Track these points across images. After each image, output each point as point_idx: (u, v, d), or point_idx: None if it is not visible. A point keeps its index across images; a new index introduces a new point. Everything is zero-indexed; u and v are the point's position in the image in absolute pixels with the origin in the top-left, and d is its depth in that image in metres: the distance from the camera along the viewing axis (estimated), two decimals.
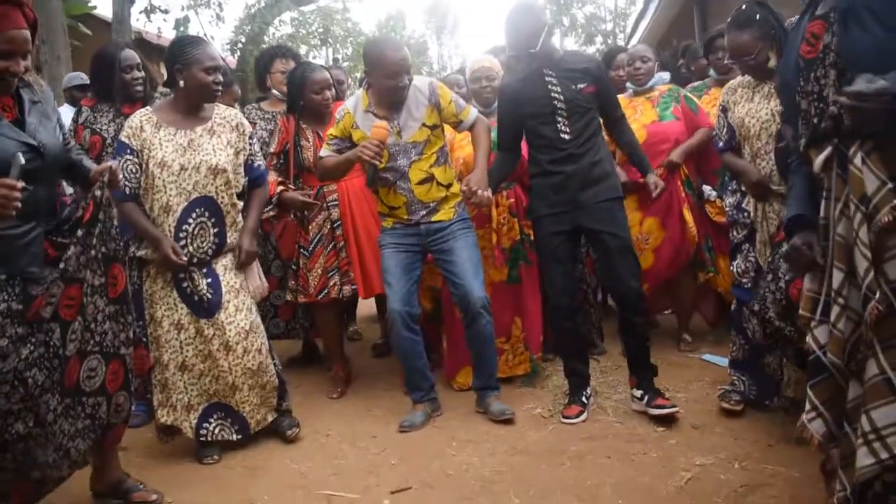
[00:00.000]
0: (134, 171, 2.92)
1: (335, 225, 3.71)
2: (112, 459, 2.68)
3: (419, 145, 3.27)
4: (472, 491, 2.65)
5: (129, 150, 2.92)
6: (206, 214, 2.97)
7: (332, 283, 3.68)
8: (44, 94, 2.42)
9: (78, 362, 2.34)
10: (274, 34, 16.22)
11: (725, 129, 3.18)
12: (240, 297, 3.05)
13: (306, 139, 3.73)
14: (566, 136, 3.17)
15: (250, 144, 3.11)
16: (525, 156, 3.47)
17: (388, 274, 3.34)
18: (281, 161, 3.77)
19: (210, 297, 2.97)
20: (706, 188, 4.01)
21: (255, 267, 3.21)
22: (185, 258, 2.90)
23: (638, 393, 3.28)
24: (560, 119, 3.16)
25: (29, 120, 2.27)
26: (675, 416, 3.12)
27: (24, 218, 2.20)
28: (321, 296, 3.68)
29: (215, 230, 2.99)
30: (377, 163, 3.15)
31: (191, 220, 2.94)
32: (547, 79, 3.18)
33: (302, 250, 3.74)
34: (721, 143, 3.23)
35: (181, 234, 2.93)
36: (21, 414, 2.17)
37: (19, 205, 2.08)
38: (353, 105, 3.33)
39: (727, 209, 3.33)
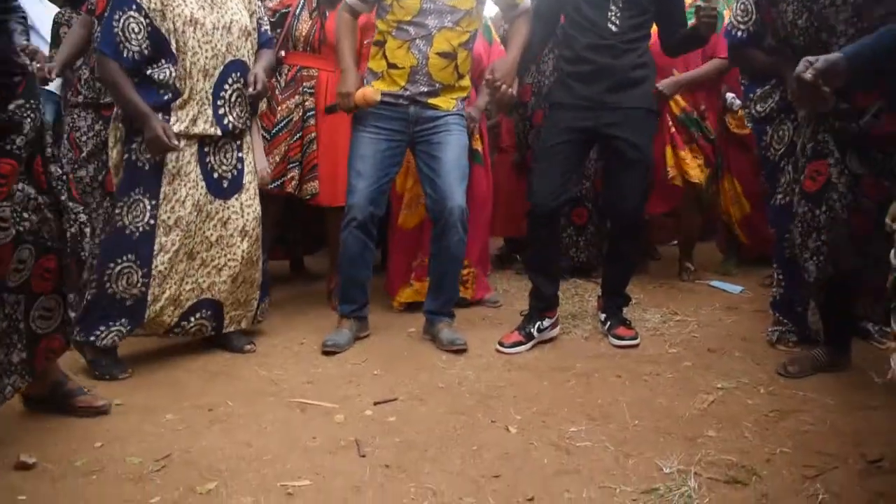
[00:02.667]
0: (136, 31, 2.46)
1: (307, 115, 3.28)
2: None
3: (458, 13, 2.77)
4: (466, 405, 2.32)
5: (134, 6, 2.46)
6: (242, 81, 2.66)
7: (289, 176, 3.23)
8: None
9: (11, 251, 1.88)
10: None
11: (753, 19, 2.53)
12: (255, 182, 2.78)
13: (308, 13, 3.28)
14: (613, 28, 2.72)
15: (259, 7, 2.81)
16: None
17: (360, 161, 2.83)
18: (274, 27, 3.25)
19: (234, 175, 2.69)
20: (730, 95, 3.63)
21: (260, 147, 2.93)
22: (176, 142, 2.48)
23: (602, 317, 3.05)
24: (613, 7, 2.72)
25: None
26: (635, 346, 2.85)
27: None
28: (272, 186, 3.18)
29: (249, 98, 2.71)
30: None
31: (227, 86, 2.63)
32: None
33: (264, 132, 3.24)
34: (741, 34, 2.52)
35: (219, 102, 2.62)
36: None
37: None
38: None
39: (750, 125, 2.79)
